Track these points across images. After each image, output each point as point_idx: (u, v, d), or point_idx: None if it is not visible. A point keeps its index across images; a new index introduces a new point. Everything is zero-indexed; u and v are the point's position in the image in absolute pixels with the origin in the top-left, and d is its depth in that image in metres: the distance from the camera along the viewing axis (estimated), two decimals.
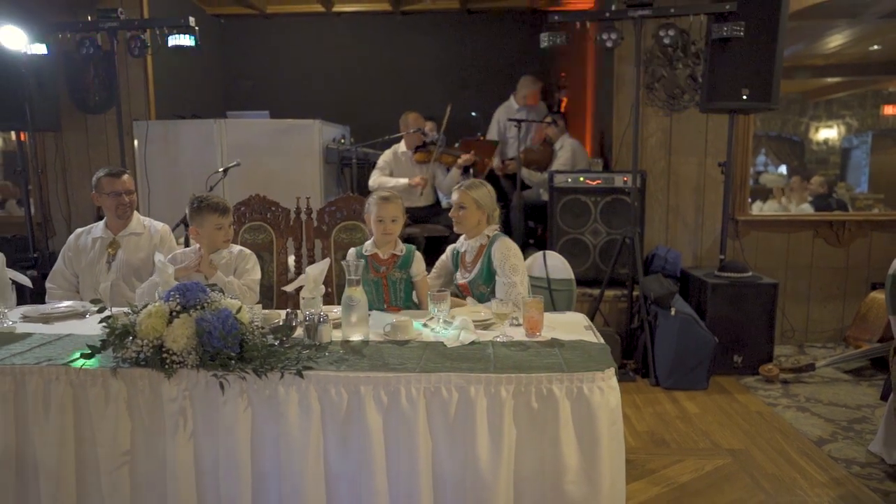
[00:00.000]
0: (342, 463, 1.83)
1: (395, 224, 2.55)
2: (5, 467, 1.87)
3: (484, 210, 2.63)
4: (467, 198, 2.61)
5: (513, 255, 2.54)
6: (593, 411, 1.76)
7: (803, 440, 2.99)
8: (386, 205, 2.53)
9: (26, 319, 2.39)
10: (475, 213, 2.61)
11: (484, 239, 2.64)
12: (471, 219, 2.62)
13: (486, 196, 2.64)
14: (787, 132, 9.06)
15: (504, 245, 2.56)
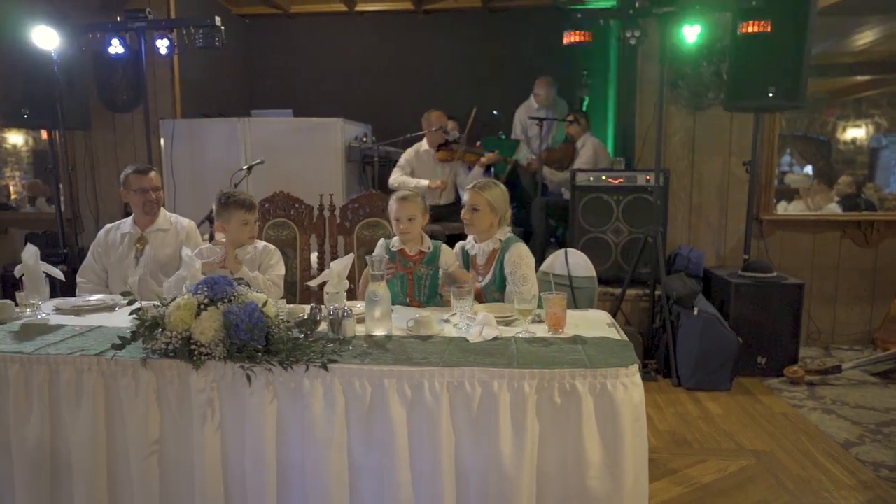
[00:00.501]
0: (366, 455, 1.85)
1: (412, 223, 2.55)
2: (40, 452, 1.92)
3: (497, 212, 2.58)
4: (481, 199, 2.56)
5: (524, 265, 2.51)
6: (616, 407, 1.75)
7: (829, 442, 2.94)
8: (402, 204, 2.54)
9: (59, 311, 2.45)
10: (488, 216, 2.57)
11: (496, 243, 2.60)
12: (483, 221, 2.58)
13: (500, 197, 2.58)
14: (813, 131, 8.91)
15: (517, 253, 2.53)
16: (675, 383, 3.71)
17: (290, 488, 1.89)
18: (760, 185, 4.46)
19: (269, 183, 4.32)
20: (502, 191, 2.61)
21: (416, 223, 2.56)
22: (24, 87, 4.21)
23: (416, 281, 2.59)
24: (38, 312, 2.38)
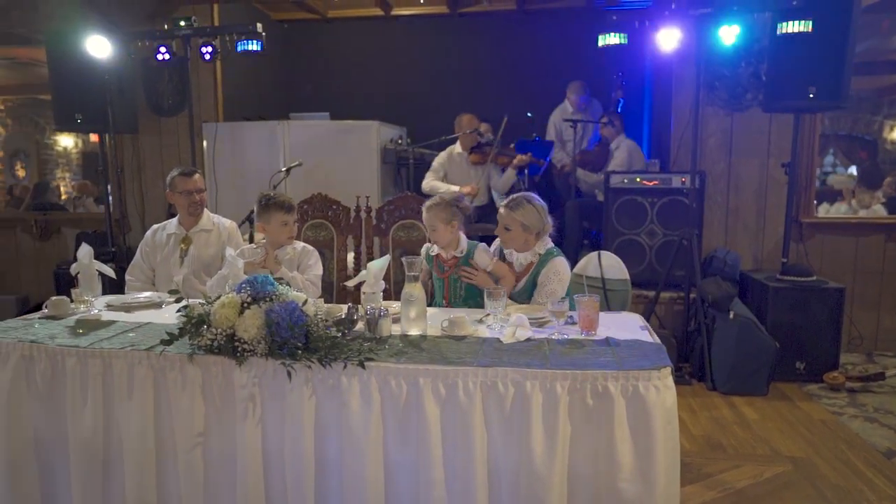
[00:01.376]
0: (401, 452, 1.90)
1: (435, 233, 2.60)
2: (94, 440, 2.03)
3: (531, 230, 2.57)
4: (512, 220, 2.56)
5: (557, 280, 2.52)
6: (649, 410, 1.77)
7: (871, 451, 2.88)
8: (426, 214, 2.62)
9: (110, 308, 2.57)
10: (521, 234, 2.57)
11: (535, 256, 2.60)
12: (517, 240, 2.59)
13: (533, 215, 2.56)
14: (858, 131, 8.63)
15: (553, 269, 2.54)
16: (709, 387, 3.68)
17: (328, 482, 1.95)
18: (800, 187, 4.37)
19: (307, 184, 4.44)
20: (536, 207, 2.57)
21: (438, 233, 2.60)
22: (77, 93, 4.41)
23: (451, 284, 2.63)
24: (91, 308, 2.50)
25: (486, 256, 2.64)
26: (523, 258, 2.64)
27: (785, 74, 3.76)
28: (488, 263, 2.63)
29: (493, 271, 2.61)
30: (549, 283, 2.53)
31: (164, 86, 4.95)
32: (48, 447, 2.12)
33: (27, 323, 2.34)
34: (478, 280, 2.59)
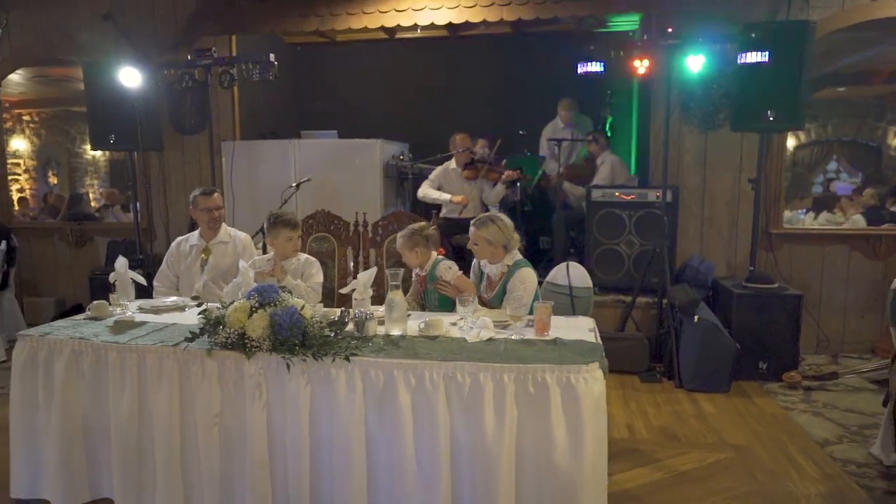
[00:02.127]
0: (379, 430, 2.31)
1: (404, 258, 3.16)
2: (131, 419, 2.47)
3: (495, 244, 2.99)
4: (477, 237, 3.00)
5: (523, 288, 2.91)
6: (578, 398, 2.16)
7: (809, 441, 3.23)
8: (397, 245, 3.20)
9: (142, 311, 3.02)
10: (487, 249, 3.01)
11: (504, 267, 3.02)
12: (484, 253, 3.03)
13: (496, 232, 2.98)
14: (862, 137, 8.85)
15: (519, 277, 2.95)
16: (677, 385, 4.03)
17: (320, 454, 2.37)
18: (769, 200, 4.70)
19: (316, 198, 4.89)
20: (499, 226, 2.98)
21: (406, 258, 3.15)
22: (110, 116, 4.89)
23: (427, 296, 3.08)
24: (126, 311, 2.95)
25: (447, 271, 3.08)
26: (496, 269, 3.05)
27: (748, 98, 4.09)
28: (451, 276, 3.05)
29: (455, 283, 3.03)
30: (516, 290, 2.93)
31: (187, 107, 5.42)
32: (93, 426, 2.57)
33: (75, 323, 2.79)
34: (447, 291, 3.03)
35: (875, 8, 4.41)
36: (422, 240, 3.08)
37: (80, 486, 2.59)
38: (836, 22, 4.48)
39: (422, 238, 3.08)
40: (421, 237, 3.08)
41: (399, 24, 4.73)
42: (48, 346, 2.56)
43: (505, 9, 4.58)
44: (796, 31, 3.94)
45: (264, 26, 5.03)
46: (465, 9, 4.65)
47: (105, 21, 5.40)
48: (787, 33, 3.96)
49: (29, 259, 5.79)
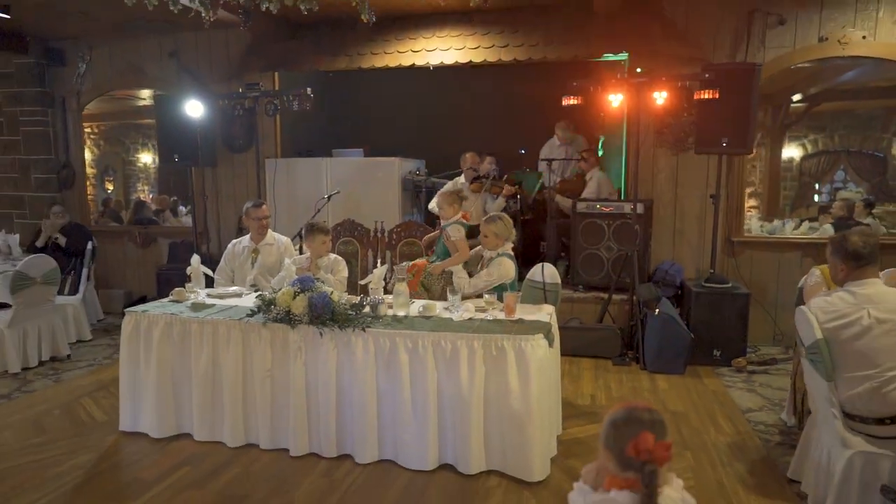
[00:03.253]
0: (385, 382, 3.18)
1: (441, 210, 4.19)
2: (207, 374, 3.39)
3: (500, 236, 3.86)
4: (488, 230, 3.87)
5: (495, 271, 3.76)
6: (527, 359, 2.99)
7: (734, 409, 3.98)
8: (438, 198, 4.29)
9: (210, 296, 3.94)
10: (494, 240, 3.86)
11: (495, 254, 3.89)
12: (491, 243, 3.88)
13: (502, 227, 3.85)
14: (868, 148, 9.40)
15: (497, 262, 3.79)
16: (642, 367, 4.80)
17: (343, 399, 3.25)
18: (732, 212, 5.44)
19: (344, 208, 5.79)
20: (504, 223, 3.87)
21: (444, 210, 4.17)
22: (175, 138, 5.89)
23: (439, 241, 4.22)
24: (199, 296, 3.88)
25: (456, 231, 4.07)
26: (491, 253, 3.92)
27: (707, 127, 4.85)
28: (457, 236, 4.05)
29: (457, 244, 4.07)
30: (492, 268, 3.78)
31: (237, 130, 6.39)
32: (179, 378, 3.50)
33: (163, 304, 3.74)
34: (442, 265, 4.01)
35: (820, 49, 5.13)
36: (458, 200, 4.15)
37: (169, 422, 3.52)
38: (787, 61, 5.21)
39: (458, 199, 4.15)
40: (458, 198, 4.16)
41: (414, 64, 5.61)
42: (148, 319, 3.51)
43: (503, 50, 5.43)
44: (745, 72, 4.69)
45: (303, 64, 5.97)
46: (469, 50, 5.52)
47: (170, 58, 6.43)
48: (737, 74, 4.71)
49: (103, 257, 6.83)
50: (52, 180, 6.93)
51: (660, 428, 1.52)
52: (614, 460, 1.53)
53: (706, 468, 3.20)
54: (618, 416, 1.57)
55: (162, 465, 3.24)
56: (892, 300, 2.52)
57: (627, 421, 1.54)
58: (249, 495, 2.94)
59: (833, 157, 9.90)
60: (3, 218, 7.05)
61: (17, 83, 6.72)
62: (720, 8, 5.24)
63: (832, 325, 2.58)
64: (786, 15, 5.14)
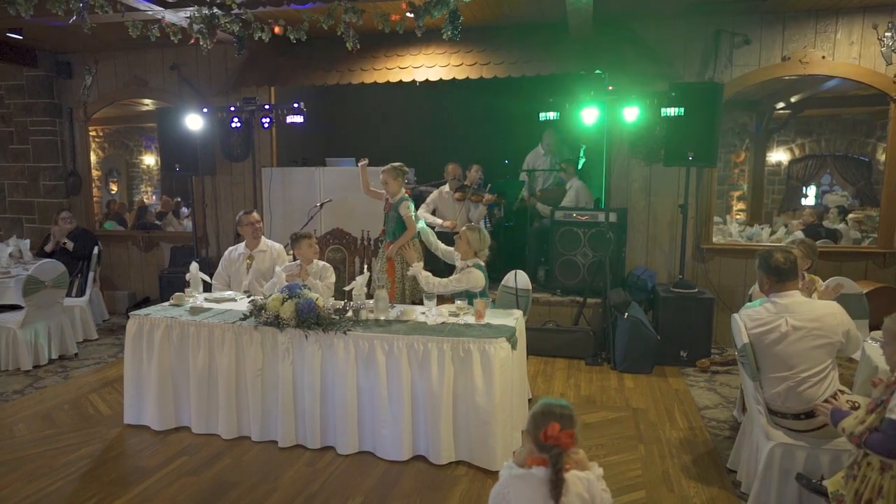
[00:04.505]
0: (364, 380, 3.51)
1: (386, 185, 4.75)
2: (204, 372, 3.72)
3: (472, 247, 4.15)
4: (464, 235, 4.18)
5: (465, 278, 4.06)
6: (490, 359, 3.31)
7: (692, 406, 4.30)
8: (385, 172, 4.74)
9: (207, 300, 4.27)
10: (463, 245, 4.18)
11: (466, 265, 4.20)
12: (461, 247, 4.20)
13: (476, 239, 4.15)
14: (853, 152, 9.68)
15: (467, 272, 4.10)
16: (612, 367, 5.12)
17: (326, 396, 3.58)
18: (702, 220, 5.75)
19: (336, 216, 6.11)
20: (480, 237, 4.16)
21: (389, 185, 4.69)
22: (176, 148, 6.22)
23: (386, 216, 4.69)
24: (197, 300, 4.21)
25: (406, 208, 4.62)
26: (463, 264, 4.22)
27: (674, 141, 5.16)
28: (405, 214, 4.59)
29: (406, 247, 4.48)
30: (463, 276, 4.09)
31: (235, 140, 6.71)
32: (178, 376, 3.83)
33: (164, 308, 4.07)
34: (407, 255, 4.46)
35: (783, 67, 5.43)
36: (400, 174, 4.54)
37: (169, 415, 3.86)
38: (753, 78, 5.52)
39: (400, 173, 4.54)
40: (400, 172, 4.55)
41: (402, 80, 5.93)
42: (150, 322, 3.84)
43: (484, 68, 5.75)
44: (709, 90, 5.01)
45: (296, 80, 6.29)
46: (453, 67, 5.83)
47: (172, 70, 6.76)
48: (702, 92, 5.02)
49: (108, 260, 7.17)
50: (59, 187, 7.27)
51: (567, 420, 1.84)
52: (533, 444, 1.86)
53: (656, 459, 3.52)
54: (536, 409, 1.90)
55: (162, 454, 3.58)
56: (806, 310, 2.83)
57: (543, 413, 1.86)
58: (240, 482, 3.28)
59: (820, 162, 10.19)
60: (14, 223, 7.40)
61: (27, 94, 7.06)
62: (689, 28, 5.54)
63: (757, 332, 2.90)
64: (751, 35, 5.44)
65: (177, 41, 4.16)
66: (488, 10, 5.35)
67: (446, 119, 7.75)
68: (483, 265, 4.22)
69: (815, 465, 2.75)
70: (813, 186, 9.89)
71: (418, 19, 3.84)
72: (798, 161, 9.80)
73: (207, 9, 4.12)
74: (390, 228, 4.60)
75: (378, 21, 4.01)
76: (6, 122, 7.24)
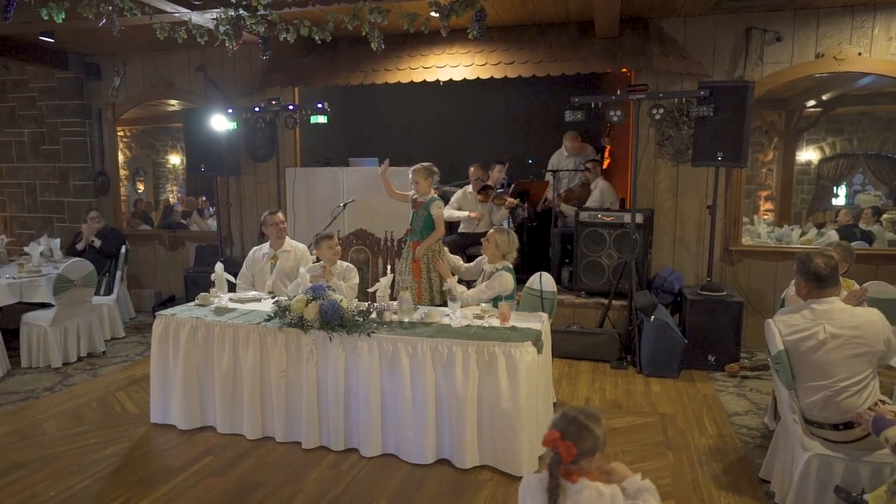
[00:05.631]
0: (388, 383, 3.49)
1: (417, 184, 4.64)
2: (228, 372, 3.74)
3: (500, 249, 4.10)
4: (492, 237, 4.13)
5: (496, 284, 4.01)
6: (516, 363, 3.26)
7: (721, 412, 4.21)
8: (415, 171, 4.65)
9: (232, 301, 4.29)
10: (491, 248, 4.13)
11: (494, 269, 4.15)
12: (489, 250, 4.15)
13: (504, 241, 4.09)
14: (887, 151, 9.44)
15: (498, 277, 4.03)
16: (638, 371, 5.04)
17: (350, 398, 3.56)
18: (730, 222, 5.63)
19: (359, 216, 6.11)
20: (508, 238, 4.11)
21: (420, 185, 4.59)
22: (202, 149, 6.27)
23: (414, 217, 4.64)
24: (222, 300, 4.23)
25: (437, 207, 4.51)
26: (490, 268, 4.18)
27: (703, 140, 5.05)
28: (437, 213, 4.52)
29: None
30: (493, 282, 4.04)
31: (259, 140, 6.76)
32: (203, 375, 3.85)
33: (189, 308, 4.10)
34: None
35: (817, 64, 5.30)
36: (431, 174, 4.54)
37: (194, 415, 3.88)
38: (785, 76, 5.38)
39: (431, 173, 4.53)
40: (430, 172, 4.54)
41: (425, 80, 5.90)
42: (176, 322, 3.87)
43: (508, 67, 5.69)
44: (739, 90, 4.89)
45: (319, 80, 6.30)
46: (477, 67, 5.78)
47: (198, 71, 6.82)
48: (731, 91, 4.91)
49: (134, 259, 7.27)
50: (89, 187, 7.38)
51: (573, 430, 1.76)
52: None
53: (685, 467, 3.45)
54: (554, 416, 1.85)
55: (188, 454, 3.60)
56: (846, 317, 2.73)
57: (554, 421, 1.82)
58: (265, 483, 3.28)
59: (852, 161, 9.93)
60: (45, 222, 7.54)
61: (58, 96, 7.19)
62: (718, 26, 5.43)
63: (792, 338, 2.81)
64: (783, 32, 5.31)
65: (203, 43, 4.18)
66: (513, 9, 5.30)
67: (470, 118, 7.71)
68: (511, 267, 4.17)
69: (854, 478, 2.66)
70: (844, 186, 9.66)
71: (443, 19, 3.80)
72: (829, 160, 9.56)
73: (233, 10, 4.14)
74: (418, 227, 4.58)
75: (403, 21, 3.99)
76: (38, 124, 7.38)
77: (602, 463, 1.83)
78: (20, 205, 7.64)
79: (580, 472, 1.77)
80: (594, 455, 1.77)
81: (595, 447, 1.77)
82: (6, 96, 7.40)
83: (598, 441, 1.77)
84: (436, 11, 3.84)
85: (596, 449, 1.77)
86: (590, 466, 1.78)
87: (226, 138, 6.32)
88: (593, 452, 1.77)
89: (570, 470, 1.76)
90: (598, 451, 1.78)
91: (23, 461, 3.53)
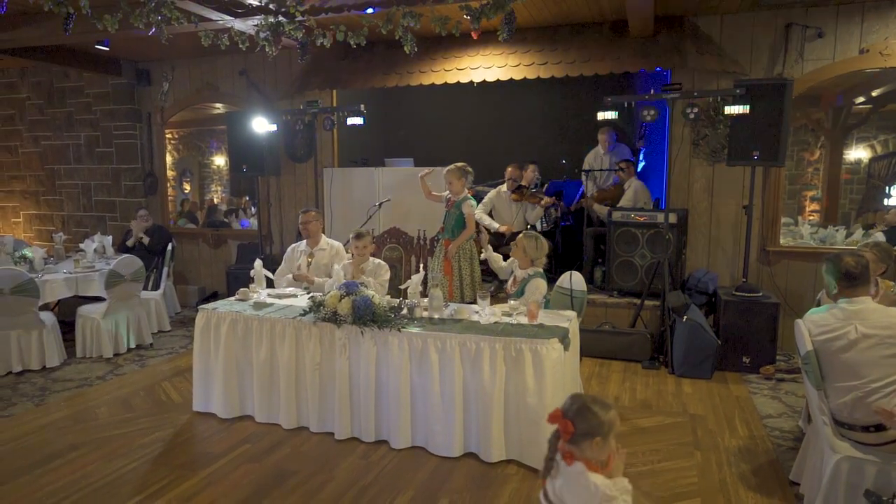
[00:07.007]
0: (418, 377, 3.59)
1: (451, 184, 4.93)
2: (266, 364, 3.90)
3: (528, 255, 4.12)
4: (520, 243, 4.17)
5: (529, 293, 4.02)
6: (542, 360, 3.32)
7: (754, 414, 4.16)
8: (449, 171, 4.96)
9: (270, 296, 4.46)
10: (520, 253, 4.15)
11: (526, 274, 4.17)
12: (517, 254, 4.19)
13: (532, 246, 4.10)
14: None
15: (533, 285, 4.05)
16: (670, 371, 5.01)
17: (381, 391, 3.68)
18: (768, 222, 5.53)
19: (393, 215, 6.24)
20: (538, 245, 4.11)
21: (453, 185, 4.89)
22: (244, 150, 6.51)
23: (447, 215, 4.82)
24: (260, 295, 4.41)
25: (468, 206, 4.71)
26: (521, 273, 4.23)
27: (739, 140, 4.99)
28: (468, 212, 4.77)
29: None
30: (530, 292, 4.08)
31: (298, 142, 6.96)
32: (242, 367, 4.03)
33: (230, 303, 4.28)
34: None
35: (861, 60, 5.16)
36: (464, 175, 4.71)
37: (234, 404, 4.06)
38: (827, 73, 5.26)
39: (464, 173, 4.71)
40: (464, 172, 4.72)
41: (459, 81, 5.99)
42: (217, 316, 4.06)
43: (542, 68, 5.72)
44: (776, 87, 4.81)
45: (356, 83, 6.45)
46: (511, 68, 5.84)
47: (240, 76, 7.08)
48: (769, 89, 4.83)
49: (180, 256, 7.58)
50: (138, 187, 7.74)
51: (574, 409, 1.84)
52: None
53: (713, 467, 3.44)
54: None
55: (227, 441, 3.78)
56: (878, 317, 2.69)
57: (564, 401, 1.89)
58: (299, 471, 3.42)
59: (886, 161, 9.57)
60: (98, 221, 7.93)
61: (112, 101, 7.57)
62: (756, 23, 5.35)
63: (822, 338, 2.78)
64: (825, 28, 5.19)
65: (244, 48, 4.36)
66: (546, 10, 5.34)
67: (503, 118, 7.76)
68: (542, 272, 4.20)
69: (885, 482, 2.62)
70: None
71: (474, 22, 3.88)
72: (880, 158, 9.24)
73: (273, 17, 4.30)
74: (450, 226, 4.68)
75: (435, 25, 4.08)
76: (93, 128, 7.77)
77: (607, 453, 1.86)
78: (76, 204, 8.06)
79: (579, 455, 1.82)
80: (594, 438, 1.81)
81: (595, 430, 1.80)
82: (64, 102, 7.82)
83: (600, 425, 1.81)
84: (467, 14, 3.91)
85: (596, 433, 1.80)
86: (590, 452, 1.82)
87: (266, 140, 6.53)
88: (593, 435, 1.80)
89: (569, 451, 1.81)
90: (600, 436, 1.81)
91: (77, 443, 3.76)
